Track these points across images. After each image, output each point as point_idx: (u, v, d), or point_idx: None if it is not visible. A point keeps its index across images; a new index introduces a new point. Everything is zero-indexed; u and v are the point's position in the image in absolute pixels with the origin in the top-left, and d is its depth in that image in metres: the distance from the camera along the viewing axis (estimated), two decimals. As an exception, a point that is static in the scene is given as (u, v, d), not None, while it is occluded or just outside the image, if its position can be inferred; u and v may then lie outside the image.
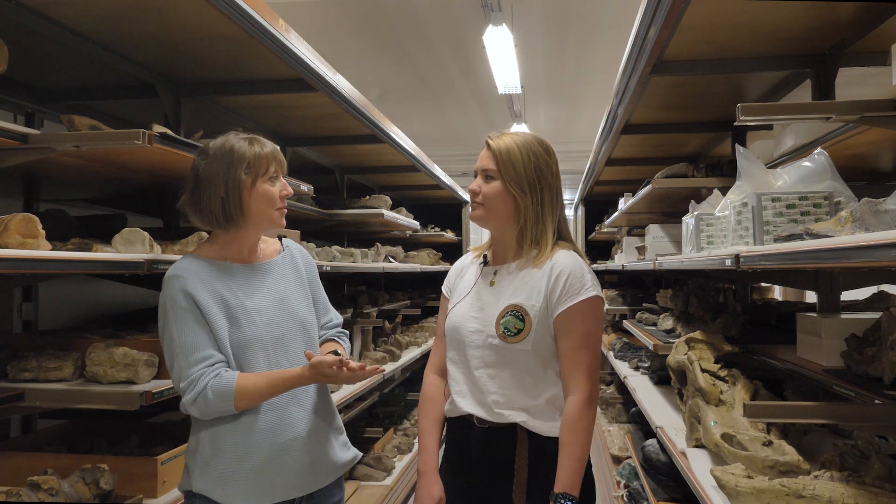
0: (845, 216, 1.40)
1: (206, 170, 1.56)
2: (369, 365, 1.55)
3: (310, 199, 3.57)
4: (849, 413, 1.70)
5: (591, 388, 1.55)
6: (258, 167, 1.57)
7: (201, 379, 1.48)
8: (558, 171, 1.66)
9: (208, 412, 1.50)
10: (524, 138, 1.63)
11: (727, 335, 2.53)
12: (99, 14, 1.97)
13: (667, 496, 2.57)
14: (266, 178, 1.59)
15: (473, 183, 1.65)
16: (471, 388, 1.62)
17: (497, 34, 5.38)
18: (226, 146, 1.57)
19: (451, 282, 1.79)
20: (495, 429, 1.58)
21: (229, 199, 1.55)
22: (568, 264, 1.58)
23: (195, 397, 1.47)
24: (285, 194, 1.63)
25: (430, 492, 1.63)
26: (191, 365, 1.48)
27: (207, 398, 1.47)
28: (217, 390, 1.47)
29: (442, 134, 9.88)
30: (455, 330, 1.66)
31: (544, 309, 1.56)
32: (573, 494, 1.49)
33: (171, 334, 1.51)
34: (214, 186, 1.55)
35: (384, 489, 3.76)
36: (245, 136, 1.61)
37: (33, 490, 1.69)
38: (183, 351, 1.49)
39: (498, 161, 1.60)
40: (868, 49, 2.26)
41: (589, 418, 1.54)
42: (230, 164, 1.55)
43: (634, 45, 2.37)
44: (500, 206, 1.62)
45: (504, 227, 1.65)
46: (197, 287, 1.52)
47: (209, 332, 1.52)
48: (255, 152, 1.57)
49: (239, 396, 1.49)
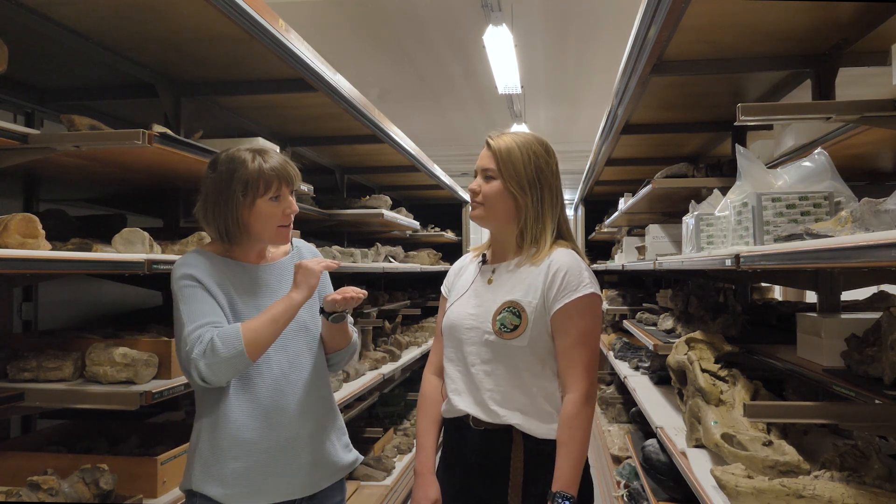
0: (845, 216, 1.40)
1: (210, 184, 1.58)
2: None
3: (310, 199, 3.58)
4: (849, 413, 1.70)
5: (588, 386, 1.54)
6: (256, 187, 1.55)
7: (206, 333, 1.45)
8: (558, 171, 1.66)
9: (218, 364, 1.43)
10: (524, 138, 1.63)
11: (727, 335, 2.53)
12: (99, 14, 1.97)
13: (667, 496, 2.57)
14: (266, 198, 1.56)
15: (473, 182, 1.65)
16: (468, 386, 1.62)
17: (497, 34, 5.37)
18: (230, 162, 1.57)
19: (449, 281, 1.80)
20: (491, 431, 1.58)
21: (228, 218, 1.55)
22: (565, 262, 1.58)
23: (203, 350, 1.42)
24: (289, 212, 1.61)
25: (426, 493, 1.62)
26: (197, 327, 1.46)
27: (215, 346, 1.42)
28: (223, 336, 1.44)
29: (442, 134, 9.88)
30: (452, 327, 1.66)
31: (541, 306, 1.56)
32: (571, 493, 1.48)
33: (179, 309, 1.51)
34: (215, 203, 1.56)
35: (384, 489, 3.76)
36: (252, 149, 1.59)
37: (33, 490, 1.69)
38: (189, 317, 1.48)
39: (498, 160, 1.60)
40: (868, 49, 2.25)
41: (586, 416, 1.53)
42: (229, 182, 1.55)
43: (634, 45, 2.37)
44: (500, 205, 1.62)
45: (504, 227, 1.65)
46: (203, 274, 1.53)
47: (216, 305, 1.52)
48: (256, 169, 1.55)
49: (247, 337, 1.44)
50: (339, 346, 1.73)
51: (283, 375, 1.60)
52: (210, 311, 1.50)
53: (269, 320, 1.50)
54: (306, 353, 1.65)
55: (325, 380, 1.71)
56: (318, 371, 1.68)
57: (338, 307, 1.61)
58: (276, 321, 1.50)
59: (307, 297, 1.55)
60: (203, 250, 1.61)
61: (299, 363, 1.63)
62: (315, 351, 1.68)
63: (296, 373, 1.62)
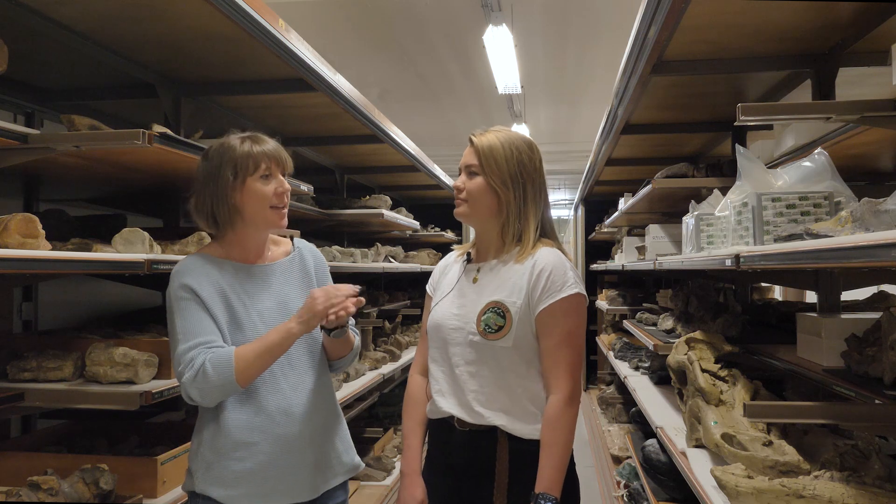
0: (845, 216, 1.40)
1: (201, 172, 1.57)
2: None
3: (310, 199, 3.58)
4: (849, 413, 1.70)
5: (572, 387, 1.53)
6: (246, 166, 1.54)
7: (199, 356, 1.45)
8: (542, 168, 1.65)
9: (209, 390, 1.44)
10: (507, 135, 1.63)
11: (727, 335, 2.53)
12: (99, 14, 1.97)
13: (667, 496, 2.57)
14: (256, 177, 1.55)
15: (458, 179, 1.66)
16: (452, 387, 1.61)
17: (497, 34, 5.37)
18: (220, 147, 1.57)
19: (434, 280, 1.79)
20: (476, 432, 1.57)
21: (218, 201, 1.54)
22: (550, 261, 1.57)
23: (195, 375, 1.43)
24: (281, 192, 1.58)
25: (412, 493, 1.62)
26: (190, 348, 1.46)
27: (206, 372, 1.43)
28: (215, 361, 1.44)
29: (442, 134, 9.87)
30: (437, 328, 1.65)
31: (526, 306, 1.55)
32: (553, 495, 1.47)
33: (174, 323, 1.50)
34: (206, 188, 1.55)
35: (384, 489, 3.76)
36: (242, 135, 1.59)
37: (33, 490, 1.69)
38: (184, 335, 1.48)
39: (480, 156, 1.60)
40: (868, 49, 2.26)
41: (570, 417, 1.52)
42: (219, 164, 1.54)
43: (634, 45, 2.37)
44: (482, 201, 1.61)
45: (487, 223, 1.65)
46: (200, 281, 1.52)
47: (211, 320, 1.51)
48: (245, 151, 1.54)
49: (239, 366, 1.44)
50: (341, 354, 1.72)
51: (286, 377, 1.59)
52: (204, 329, 1.49)
53: (264, 350, 1.48)
54: (308, 355, 1.65)
55: (328, 381, 1.71)
56: (321, 373, 1.67)
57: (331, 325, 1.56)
58: (270, 351, 1.49)
59: (305, 332, 1.53)
60: (202, 253, 1.60)
61: (302, 365, 1.62)
62: (317, 353, 1.67)
63: (298, 374, 1.61)
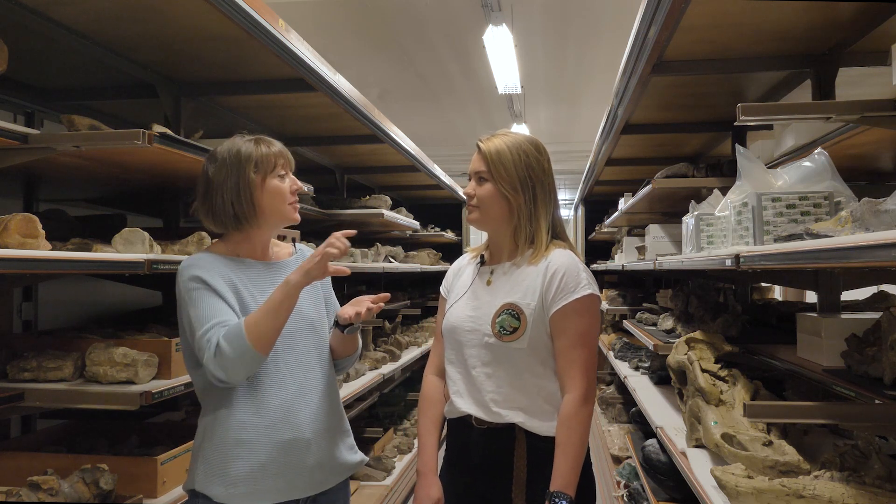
0: (845, 216, 1.40)
1: (216, 174, 1.58)
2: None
3: (310, 199, 3.58)
4: (849, 413, 1.70)
5: (587, 387, 1.55)
6: (266, 165, 1.60)
7: (214, 336, 1.46)
8: (550, 169, 1.66)
9: (230, 365, 1.44)
10: (514, 138, 1.64)
11: (727, 335, 2.53)
12: (99, 14, 1.97)
13: (667, 496, 2.57)
14: (275, 175, 1.62)
15: (468, 186, 1.66)
16: (469, 388, 1.62)
17: (497, 34, 5.38)
18: (233, 149, 1.60)
19: (448, 282, 1.80)
20: (494, 429, 1.58)
21: (241, 200, 1.57)
22: (563, 262, 1.58)
23: (213, 354, 1.44)
24: (296, 189, 1.66)
25: (428, 493, 1.63)
26: (207, 331, 1.47)
27: (222, 348, 1.43)
28: (228, 335, 1.44)
29: (442, 134, 9.88)
30: (452, 330, 1.67)
31: (540, 307, 1.57)
32: (568, 493, 1.48)
33: (189, 315, 1.51)
34: (226, 189, 1.57)
35: (384, 489, 3.76)
36: (251, 138, 1.63)
37: (33, 490, 1.69)
38: (199, 322, 1.48)
39: (488, 162, 1.62)
40: (868, 49, 2.25)
41: (585, 416, 1.53)
42: (239, 165, 1.58)
43: (634, 45, 2.37)
44: (493, 207, 1.63)
45: (500, 228, 1.66)
46: (210, 273, 1.53)
47: (225, 304, 1.52)
48: (262, 151, 1.60)
49: (251, 332, 1.44)
50: (348, 352, 1.75)
51: (291, 375, 1.60)
52: (218, 311, 1.50)
53: (270, 310, 1.48)
54: (314, 354, 1.65)
55: (332, 380, 1.71)
56: (325, 372, 1.68)
57: (355, 321, 1.61)
58: (276, 310, 1.48)
59: (304, 283, 1.52)
60: (209, 251, 1.62)
61: (307, 363, 1.63)
62: (323, 351, 1.68)
63: (303, 373, 1.62)
